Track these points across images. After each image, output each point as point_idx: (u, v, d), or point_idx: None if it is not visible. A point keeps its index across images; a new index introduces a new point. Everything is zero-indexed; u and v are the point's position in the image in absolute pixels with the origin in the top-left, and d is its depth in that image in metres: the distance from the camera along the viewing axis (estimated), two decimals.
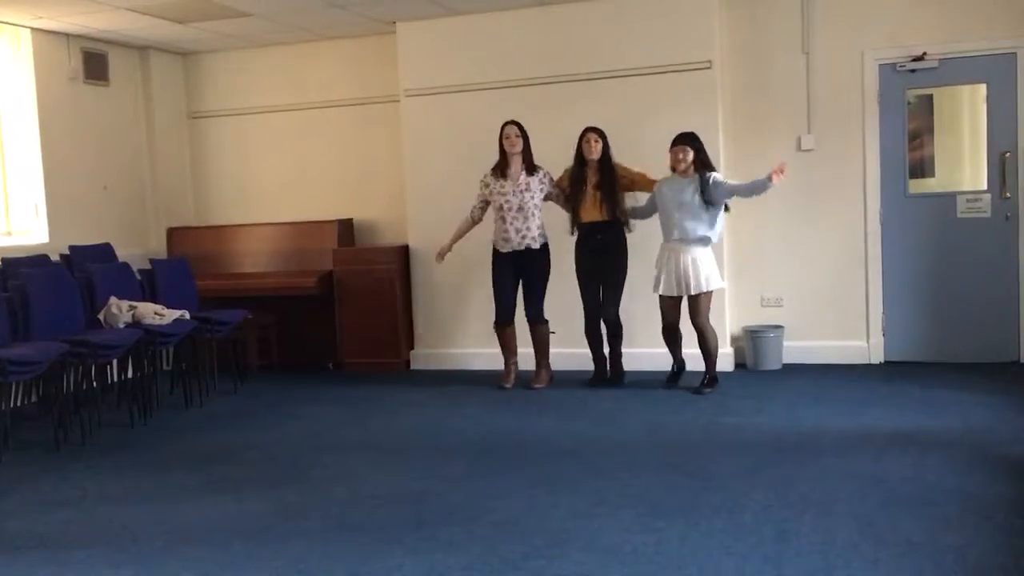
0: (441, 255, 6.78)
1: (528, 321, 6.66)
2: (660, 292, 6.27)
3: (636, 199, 6.55)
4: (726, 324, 7.00)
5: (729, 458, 4.76)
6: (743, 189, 6.17)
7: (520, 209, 6.45)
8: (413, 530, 3.91)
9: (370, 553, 3.67)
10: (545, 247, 6.59)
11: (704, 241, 6.18)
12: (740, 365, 7.06)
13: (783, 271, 7.14)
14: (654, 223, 6.41)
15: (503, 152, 6.52)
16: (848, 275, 7.00)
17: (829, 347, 7.03)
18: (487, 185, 6.58)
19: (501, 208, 6.50)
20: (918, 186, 6.97)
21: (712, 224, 6.18)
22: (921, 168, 7.01)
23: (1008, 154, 6.69)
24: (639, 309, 6.83)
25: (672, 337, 6.40)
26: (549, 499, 4.23)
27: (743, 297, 7.19)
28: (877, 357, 6.99)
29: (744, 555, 3.49)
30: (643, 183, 6.45)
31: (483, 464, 4.87)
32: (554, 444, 5.21)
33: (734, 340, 7.11)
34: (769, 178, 5.93)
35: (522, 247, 6.50)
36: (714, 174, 6.17)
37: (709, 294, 6.23)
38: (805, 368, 6.91)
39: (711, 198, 6.11)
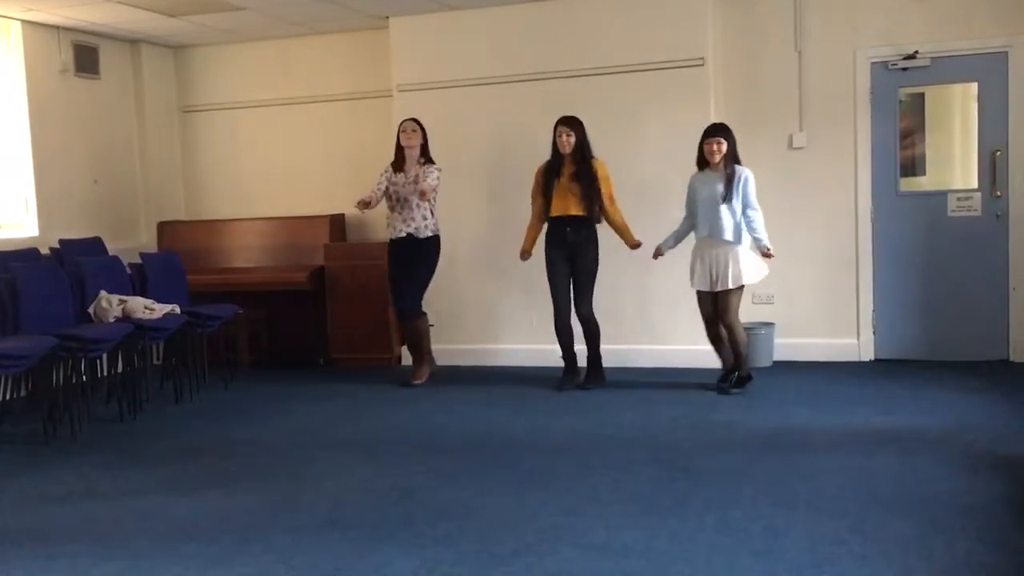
0: (361, 204, 6.56)
1: (400, 313, 6.71)
2: (694, 287, 6.16)
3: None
4: None
5: (719, 455, 4.77)
6: (756, 221, 5.98)
7: (407, 200, 6.55)
8: (403, 526, 3.91)
9: (360, 549, 3.67)
10: (432, 239, 6.63)
11: (734, 241, 5.97)
12: None
13: (774, 268, 7.08)
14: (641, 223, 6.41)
15: (399, 146, 6.64)
16: (839, 273, 7.01)
17: (820, 345, 7.05)
18: (386, 175, 6.68)
19: (392, 197, 6.61)
20: (909, 184, 6.99)
21: (739, 222, 5.95)
22: (912, 166, 7.03)
23: (999, 153, 6.71)
24: (629, 306, 6.84)
25: (713, 334, 6.21)
26: (539, 496, 4.23)
27: None
28: (867, 355, 7.01)
29: (733, 551, 3.50)
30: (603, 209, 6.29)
31: (474, 460, 4.86)
32: (545, 441, 5.21)
33: None
34: (766, 255, 6.02)
35: (404, 235, 6.56)
36: (746, 175, 5.98)
37: (738, 290, 6.06)
38: (796, 366, 6.92)
39: (731, 196, 5.92)
